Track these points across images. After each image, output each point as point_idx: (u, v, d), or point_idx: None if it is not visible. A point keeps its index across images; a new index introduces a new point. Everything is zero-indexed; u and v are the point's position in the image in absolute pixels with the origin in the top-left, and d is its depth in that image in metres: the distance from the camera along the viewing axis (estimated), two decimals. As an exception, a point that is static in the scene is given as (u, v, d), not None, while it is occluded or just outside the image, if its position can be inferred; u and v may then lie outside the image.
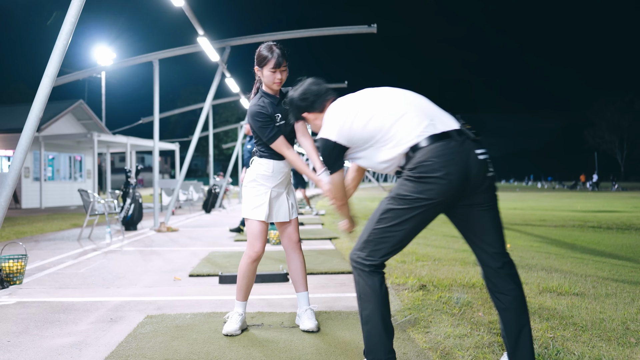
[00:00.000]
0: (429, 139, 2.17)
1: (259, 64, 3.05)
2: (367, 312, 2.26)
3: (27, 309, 3.77)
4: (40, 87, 4.49)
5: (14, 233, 8.98)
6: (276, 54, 3.01)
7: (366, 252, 2.26)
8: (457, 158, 2.13)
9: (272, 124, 3.03)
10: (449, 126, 2.21)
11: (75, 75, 11.26)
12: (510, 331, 2.26)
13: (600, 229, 9.81)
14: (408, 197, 2.17)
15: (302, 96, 2.71)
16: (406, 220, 2.19)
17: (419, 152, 2.17)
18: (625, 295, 3.91)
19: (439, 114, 2.29)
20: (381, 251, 2.24)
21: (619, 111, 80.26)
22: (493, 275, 2.28)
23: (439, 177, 2.11)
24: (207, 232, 9.18)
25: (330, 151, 2.42)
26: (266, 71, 3.03)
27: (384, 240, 2.23)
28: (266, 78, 3.05)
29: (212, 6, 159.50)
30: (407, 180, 2.19)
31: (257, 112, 3.03)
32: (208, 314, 3.52)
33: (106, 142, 19.53)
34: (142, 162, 61.32)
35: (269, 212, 3.12)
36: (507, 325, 2.27)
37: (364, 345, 2.30)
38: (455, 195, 2.16)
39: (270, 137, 3.02)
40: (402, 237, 2.23)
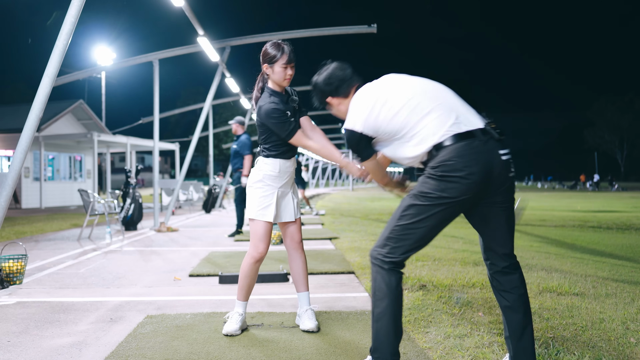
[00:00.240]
0: (453, 138, 2.17)
1: (270, 61, 3.04)
2: (379, 310, 2.26)
3: (27, 309, 3.77)
4: (40, 87, 4.49)
5: (14, 233, 8.98)
6: (288, 50, 3.04)
7: (387, 249, 2.26)
8: (480, 158, 2.15)
9: (288, 119, 3.02)
10: (473, 125, 2.21)
11: (75, 75, 11.27)
12: (513, 330, 2.28)
13: (600, 229, 9.81)
14: (430, 195, 2.18)
15: (327, 80, 2.64)
16: (428, 217, 2.20)
17: (443, 150, 2.18)
18: (625, 295, 3.91)
19: (465, 111, 2.28)
20: (402, 248, 2.25)
21: (619, 111, 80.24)
22: (499, 275, 2.32)
23: (462, 177, 2.13)
24: (207, 232, 9.18)
25: (358, 142, 2.40)
26: (277, 67, 3.03)
27: (405, 237, 2.24)
28: (277, 75, 3.04)
29: (212, 6, 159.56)
30: (429, 178, 2.20)
31: (273, 109, 2.99)
32: (208, 314, 3.52)
33: (106, 142, 19.52)
34: (142, 162, 61.32)
35: (276, 212, 3.12)
36: (510, 323, 2.29)
37: (372, 343, 2.31)
38: (477, 194, 2.18)
39: (289, 132, 3.00)
40: (423, 234, 2.24)
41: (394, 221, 2.27)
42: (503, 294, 2.31)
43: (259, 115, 3.06)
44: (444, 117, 2.22)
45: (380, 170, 2.56)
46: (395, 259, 2.25)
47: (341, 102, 2.65)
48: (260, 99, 3.09)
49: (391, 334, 2.25)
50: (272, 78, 3.07)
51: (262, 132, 3.10)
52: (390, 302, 2.25)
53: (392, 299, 2.25)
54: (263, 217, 3.10)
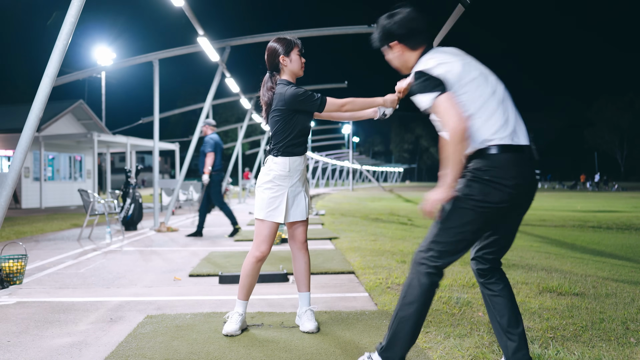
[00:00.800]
0: (506, 147, 2.18)
1: (286, 51, 3.10)
2: (404, 313, 2.26)
3: (27, 309, 3.77)
4: (40, 87, 4.49)
5: (14, 233, 8.98)
6: (298, 40, 3.15)
7: (431, 253, 2.25)
8: (525, 172, 2.20)
9: (314, 93, 3.05)
10: (523, 140, 2.24)
11: (75, 75, 11.26)
12: (504, 313, 2.32)
13: (600, 229, 9.81)
14: (474, 198, 2.19)
15: (401, 23, 2.41)
16: (471, 221, 2.21)
17: (495, 157, 2.18)
18: (625, 295, 3.91)
19: (519, 123, 2.28)
20: (446, 253, 2.24)
21: (619, 111, 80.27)
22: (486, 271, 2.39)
23: (508, 186, 2.15)
24: (207, 232, 9.18)
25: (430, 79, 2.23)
26: (294, 55, 3.11)
27: (449, 242, 2.24)
28: (295, 63, 3.12)
29: (212, 6, 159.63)
30: (474, 181, 2.20)
31: (296, 89, 3.02)
32: (208, 314, 3.52)
33: (106, 142, 19.51)
34: (142, 162, 61.32)
35: (285, 212, 3.11)
36: (500, 309, 2.34)
37: (384, 341, 2.30)
38: (513, 206, 2.21)
39: (321, 102, 3.03)
40: (467, 239, 2.25)
41: (438, 225, 2.26)
42: (488, 285, 2.37)
43: (283, 103, 3.03)
44: (502, 122, 2.21)
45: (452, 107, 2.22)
46: (438, 264, 2.25)
47: (404, 52, 2.45)
48: (278, 90, 3.08)
49: (408, 339, 2.26)
50: (289, 68, 3.12)
51: (278, 129, 3.07)
52: (419, 307, 2.25)
53: (422, 304, 2.25)
54: (272, 218, 3.08)
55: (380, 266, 5.17)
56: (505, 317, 2.32)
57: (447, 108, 2.16)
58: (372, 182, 67.14)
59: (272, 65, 3.15)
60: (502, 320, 2.33)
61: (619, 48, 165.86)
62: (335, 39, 70.01)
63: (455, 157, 2.16)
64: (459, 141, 2.14)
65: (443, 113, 2.16)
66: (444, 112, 2.16)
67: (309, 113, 3.11)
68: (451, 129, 2.13)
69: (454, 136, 2.14)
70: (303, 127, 3.11)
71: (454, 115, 2.15)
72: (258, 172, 26.85)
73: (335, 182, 65.27)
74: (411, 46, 2.42)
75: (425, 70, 2.25)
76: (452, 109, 2.16)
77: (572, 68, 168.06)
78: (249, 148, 38.91)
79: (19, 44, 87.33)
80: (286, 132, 3.06)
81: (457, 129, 2.13)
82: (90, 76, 31.20)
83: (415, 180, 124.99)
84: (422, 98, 2.24)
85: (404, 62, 2.47)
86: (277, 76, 3.15)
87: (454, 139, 2.14)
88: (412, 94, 2.32)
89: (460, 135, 2.13)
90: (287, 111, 3.03)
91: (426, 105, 2.23)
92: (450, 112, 2.15)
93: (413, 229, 9.56)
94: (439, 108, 2.18)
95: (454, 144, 2.15)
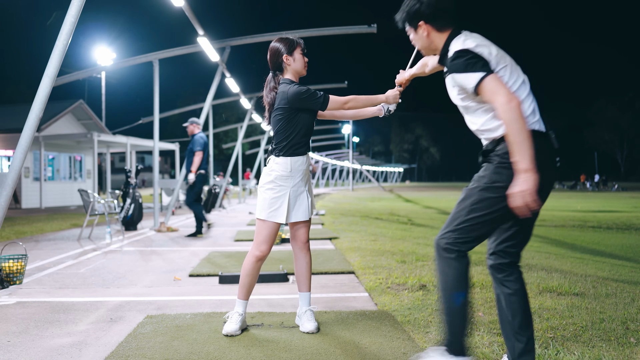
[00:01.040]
0: (536, 133, 2.16)
1: (289, 50, 3.11)
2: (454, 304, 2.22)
3: (27, 309, 3.77)
4: (40, 87, 4.49)
5: (14, 233, 8.98)
6: (301, 40, 3.16)
7: (454, 237, 2.24)
8: (551, 160, 2.21)
9: (317, 92, 3.05)
10: (544, 127, 2.23)
11: (75, 75, 11.27)
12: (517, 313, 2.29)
13: (600, 229, 9.82)
14: (504, 185, 2.16)
15: (428, 3, 2.33)
16: (499, 209, 2.19)
17: None
18: (625, 295, 3.91)
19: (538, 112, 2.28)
20: (470, 239, 2.25)
21: (619, 111, 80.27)
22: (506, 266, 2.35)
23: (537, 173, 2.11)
24: (207, 232, 9.18)
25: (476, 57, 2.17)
26: (297, 54, 3.12)
27: (474, 229, 2.23)
28: (298, 62, 3.12)
29: (212, 6, 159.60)
30: (503, 167, 2.18)
31: (299, 87, 3.04)
32: (208, 314, 3.52)
33: (106, 142, 19.51)
34: (142, 162, 61.31)
35: (287, 213, 3.10)
36: (514, 308, 2.30)
37: (446, 336, 2.27)
38: (540, 193, 2.17)
39: (324, 100, 3.04)
40: (492, 225, 2.24)
41: (464, 212, 2.24)
42: (506, 283, 2.33)
43: (286, 101, 3.04)
44: (533, 110, 2.21)
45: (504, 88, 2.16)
46: (463, 248, 2.25)
47: (431, 33, 2.38)
48: (281, 89, 3.09)
49: (466, 326, 2.24)
50: (292, 67, 3.12)
51: (280, 128, 3.07)
52: (465, 290, 2.24)
53: (465, 287, 2.24)
54: (274, 219, 3.08)
55: (380, 266, 5.17)
56: (517, 318, 2.29)
57: (498, 86, 2.11)
58: (372, 182, 67.12)
59: (275, 64, 3.15)
60: (514, 321, 2.29)
61: (620, 48, 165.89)
62: (335, 39, 69.98)
63: (523, 134, 2.06)
64: (520, 115, 2.07)
65: (494, 91, 2.10)
66: (495, 91, 2.10)
67: (312, 112, 3.11)
68: (508, 105, 2.07)
69: (514, 111, 2.07)
70: (305, 127, 3.10)
71: (507, 92, 2.09)
72: (258, 172, 26.88)
73: (335, 182, 65.28)
74: (438, 27, 2.36)
75: (470, 49, 2.19)
76: (503, 87, 2.11)
77: (572, 68, 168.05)
78: (249, 148, 38.90)
79: (19, 43, 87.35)
80: (288, 131, 3.06)
81: (514, 103, 2.07)
82: (90, 76, 31.20)
83: (415, 180, 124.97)
84: (467, 77, 2.17)
85: (429, 43, 2.41)
86: (280, 76, 3.15)
87: (515, 114, 2.07)
88: (453, 72, 2.22)
89: (519, 109, 2.07)
90: (290, 109, 3.04)
91: (471, 84, 2.16)
92: (503, 90, 2.10)
93: (413, 229, 9.56)
94: (487, 87, 2.12)
95: (517, 119, 2.07)
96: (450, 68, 2.23)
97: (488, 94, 2.13)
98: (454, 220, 2.27)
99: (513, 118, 2.07)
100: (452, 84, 2.31)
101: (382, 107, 3.25)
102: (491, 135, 2.27)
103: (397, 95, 3.13)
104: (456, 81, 2.23)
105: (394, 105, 3.22)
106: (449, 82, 2.34)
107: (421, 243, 7.15)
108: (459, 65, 2.19)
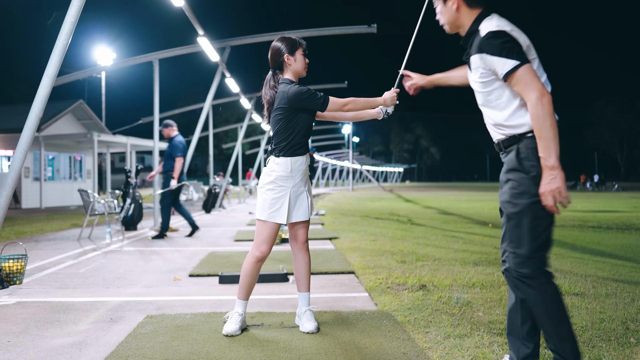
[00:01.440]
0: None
1: (291, 50, 3.11)
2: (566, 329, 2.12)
3: (27, 309, 3.77)
4: (40, 87, 4.49)
5: (14, 233, 8.98)
6: (303, 41, 3.17)
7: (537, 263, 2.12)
8: None
9: (317, 92, 3.06)
10: None
11: (75, 75, 11.27)
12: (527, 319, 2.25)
13: (600, 229, 9.81)
14: None
15: None
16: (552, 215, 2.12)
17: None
18: (625, 295, 3.91)
19: None
20: (547, 255, 2.15)
21: (619, 111, 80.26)
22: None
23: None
24: (207, 232, 9.18)
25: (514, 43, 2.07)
26: (298, 55, 3.13)
27: (546, 245, 2.14)
28: (299, 62, 3.13)
29: (212, 6, 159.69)
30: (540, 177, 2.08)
31: (299, 87, 3.04)
32: (208, 314, 3.52)
33: (106, 142, 19.51)
34: (142, 162, 61.29)
35: (288, 213, 3.11)
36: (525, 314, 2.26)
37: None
38: None
39: (323, 101, 3.05)
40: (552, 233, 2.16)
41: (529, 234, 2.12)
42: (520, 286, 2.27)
43: (286, 101, 3.04)
44: None
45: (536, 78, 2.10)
46: (548, 268, 2.14)
47: (461, 7, 2.28)
48: (281, 88, 3.09)
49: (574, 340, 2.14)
50: (293, 67, 3.13)
51: (280, 128, 3.08)
52: (562, 312, 2.12)
53: (565, 307, 2.14)
54: (275, 219, 3.08)
55: (380, 266, 5.17)
56: (527, 324, 2.26)
57: (532, 79, 2.03)
58: (372, 182, 67.13)
59: (275, 63, 3.16)
60: (523, 328, 2.27)
61: (620, 48, 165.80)
62: (335, 39, 70.00)
63: (554, 131, 2.01)
64: (552, 112, 2.00)
65: (527, 83, 2.03)
66: (528, 83, 2.03)
67: (311, 112, 3.12)
68: (541, 99, 2.00)
69: (546, 107, 2.00)
70: (305, 127, 3.11)
71: (541, 85, 2.02)
72: (259, 171, 26.87)
73: (335, 182, 65.27)
74: (469, 3, 2.26)
75: (507, 32, 2.09)
76: (537, 80, 2.03)
77: (572, 68, 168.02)
78: (249, 148, 38.91)
79: (19, 43, 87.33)
80: (288, 131, 3.07)
81: (547, 98, 2.00)
82: (90, 76, 31.19)
83: (415, 180, 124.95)
84: (501, 61, 2.07)
85: (456, 19, 2.30)
86: (280, 75, 3.16)
87: (548, 109, 2.00)
88: (484, 53, 2.11)
89: (551, 104, 2.00)
90: (290, 109, 3.04)
91: (504, 70, 2.07)
92: (537, 84, 2.02)
93: (413, 229, 9.56)
94: (521, 78, 2.04)
95: (550, 115, 2.00)
96: (482, 47, 2.11)
97: (520, 84, 2.04)
98: (522, 245, 2.13)
99: (546, 114, 2.00)
100: (477, 65, 2.19)
101: (380, 110, 3.26)
102: (513, 132, 2.17)
103: (394, 97, 3.16)
104: (486, 62, 2.13)
105: (391, 108, 3.23)
106: (474, 61, 2.20)
107: (421, 243, 7.15)
108: (494, 47, 2.08)
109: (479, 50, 2.14)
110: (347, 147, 56.50)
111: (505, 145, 2.21)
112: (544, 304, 2.13)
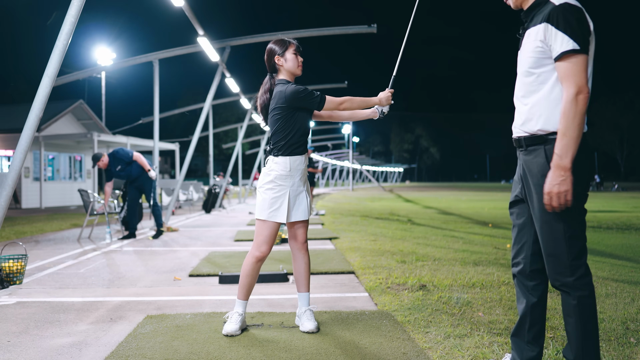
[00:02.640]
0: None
1: (281, 51, 3.14)
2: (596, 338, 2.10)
3: (27, 309, 3.77)
4: (40, 87, 4.49)
5: (14, 233, 8.98)
6: (294, 40, 3.19)
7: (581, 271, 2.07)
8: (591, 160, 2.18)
9: (314, 91, 3.08)
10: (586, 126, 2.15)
11: (75, 75, 11.27)
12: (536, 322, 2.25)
13: (600, 229, 9.81)
14: (579, 199, 2.03)
15: None
16: (585, 219, 2.10)
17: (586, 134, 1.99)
18: (625, 295, 3.91)
19: None
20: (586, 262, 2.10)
21: (619, 111, 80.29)
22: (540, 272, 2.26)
23: None
24: (207, 232, 9.18)
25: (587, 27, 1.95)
26: (289, 54, 3.14)
27: (582, 251, 2.08)
28: (290, 62, 3.14)
29: (212, 6, 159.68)
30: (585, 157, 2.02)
31: (296, 86, 3.07)
32: (208, 314, 3.52)
33: (106, 142, 19.52)
34: (142, 162, 61.21)
35: (288, 213, 3.11)
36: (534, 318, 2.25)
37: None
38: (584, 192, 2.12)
39: (320, 100, 3.07)
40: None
41: (566, 244, 2.05)
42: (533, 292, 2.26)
43: (284, 100, 3.06)
44: None
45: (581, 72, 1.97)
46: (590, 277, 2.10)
47: None
48: (278, 89, 3.12)
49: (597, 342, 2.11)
50: (285, 67, 3.15)
51: (278, 127, 3.09)
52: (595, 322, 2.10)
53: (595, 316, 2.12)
54: (274, 219, 3.09)
55: (380, 266, 5.17)
56: (534, 328, 2.25)
57: (581, 71, 1.92)
58: (372, 182, 67.13)
59: (270, 66, 3.21)
60: (530, 332, 2.26)
61: (620, 48, 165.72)
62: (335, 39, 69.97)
63: (579, 131, 1.90)
64: (585, 111, 1.91)
65: (574, 73, 1.91)
66: (575, 73, 1.91)
67: (309, 111, 3.15)
68: (579, 95, 1.90)
69: (582, 104, 1.90)
70: (303, 127, 3.13)
71: (585, 81, 1.91)
72: (258, 171, 26.90)
73: (335, 182, 65.28)
74: None
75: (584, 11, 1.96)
76: (584, 75, 1.92)
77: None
78: (249, 148, 38.93)
79: (19, 44, 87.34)
80: (286, 130, 3.08)
81: (584, 95, 1.90)
82: (90, 76, 31.18)
83: (415, 180, 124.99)
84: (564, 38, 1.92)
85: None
86: (276, 77, 3.19)
87: (582, 107, 1.90)
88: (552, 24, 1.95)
89: (586, 104, 1.91)
90: (288, 109, 3.06)
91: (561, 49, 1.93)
92: (582, 78, 1.91)
93: (413, 229, 9.56)
94: (572, 65, 1.92)
95: (582, 114, 1.90)
96: (553, 16, 1.94)
97: (567, 71, 1.92)
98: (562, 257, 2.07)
99: (579, 111, 1.90)
100: (536, 37, 2.03)
101: (376, 110, 3.28)
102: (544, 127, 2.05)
103: (389, 97, 3.19)
104: (548, 34, 1.97)
105: (387, 107, 3.25)
106: (534, 32, 2.04)
107: (421, 243, 7.15)
108: (565, 20, 1.92)
109: (547, 19, 1.97)
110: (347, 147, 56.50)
111: (528, 144, 2.13)
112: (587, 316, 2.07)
